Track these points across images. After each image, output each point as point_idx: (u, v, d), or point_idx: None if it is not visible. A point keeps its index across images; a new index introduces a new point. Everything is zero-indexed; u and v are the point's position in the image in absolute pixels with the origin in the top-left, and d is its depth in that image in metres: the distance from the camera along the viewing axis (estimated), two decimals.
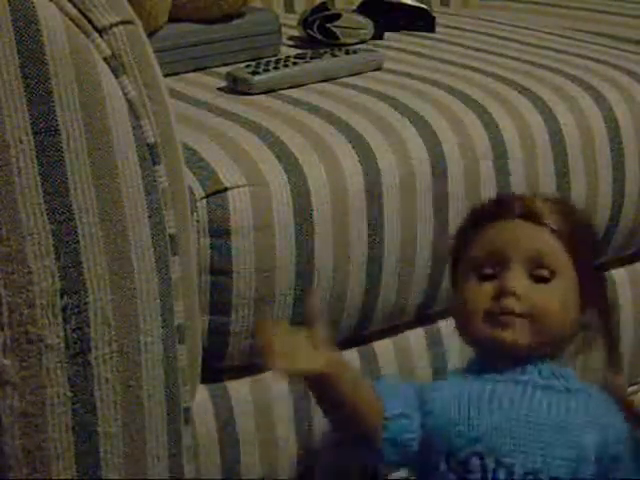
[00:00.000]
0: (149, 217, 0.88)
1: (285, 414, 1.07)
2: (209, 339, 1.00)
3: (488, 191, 1.11)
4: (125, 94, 0.86)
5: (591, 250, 0.97)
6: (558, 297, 0.91)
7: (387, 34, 1.42)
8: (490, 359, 0.93)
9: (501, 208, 0.95)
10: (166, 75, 0.95)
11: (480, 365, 0.94)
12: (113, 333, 0.87)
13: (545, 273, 0.91)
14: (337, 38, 1.36)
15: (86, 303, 0.86)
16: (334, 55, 1.24)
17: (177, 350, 0.93)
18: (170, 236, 0.90)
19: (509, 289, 0.90)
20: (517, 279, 0.91)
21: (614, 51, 1.35)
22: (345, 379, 0.89)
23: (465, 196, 1.09)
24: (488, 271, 0.92)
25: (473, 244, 0.95)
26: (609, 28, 1.50)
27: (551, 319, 0.91)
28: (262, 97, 1.15)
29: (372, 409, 0.90)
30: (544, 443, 0.88)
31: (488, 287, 0.92)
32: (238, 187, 0.98)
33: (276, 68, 1.19)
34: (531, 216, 0.93)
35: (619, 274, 1.28)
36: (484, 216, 0.96)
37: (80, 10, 0.84)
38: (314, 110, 1.11)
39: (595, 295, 0.95)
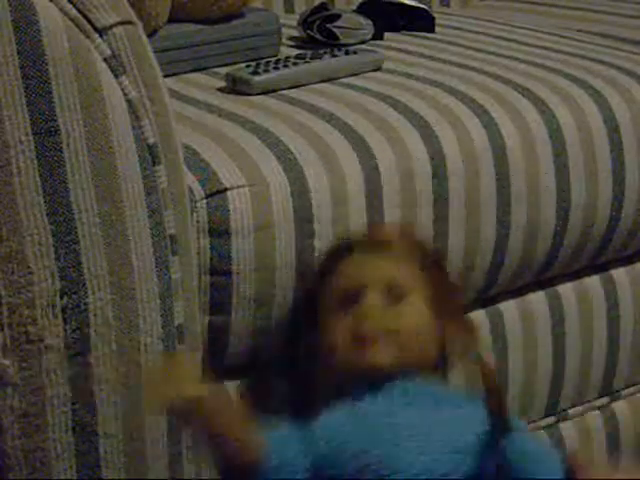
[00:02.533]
0: (149, 217, 0.88)
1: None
2: (209, 339, 1.00)
3: (488, 191, 1.11)
4: (125, 94, 0.86)
5: (439, 271, 1.02)
6: (411, 314, 0.96)
7: (387, 34, 1.42)
8: (362, 384, 0.94)
9: (350, 246, 1.00)
10: (166, 75, 0.95)
11: (356, 392, 0.95)
12: (113, 333, 0.87)
13: (396, 292, 0.96)
14: (337, 38, 1.36)
15: (86, 303, 0.86)
16: (334, 55, 1.24)
17: (177, 350, 0.93)
18: (170, 236, 0.90)
19: (363, 314, 0.95)
20: (370, 304, 0.95)
21: (614, 51, 1.35)
22: (227, 408, 0.88)
23: (465, 196, 1.09)
24: (347, 304, 0.96)
25: (330, 282, 0.98)
26: (609, 28, 1.50)
27: (407, 335, 0.94)
28: (262, 97, 1.15)
29: (252, 442, 0.89)
30: (424, 456, 0.89)
31: (349, 318, 0.95)
32: (238, 187, 0.98)
33: (276, 68, 1.19)
34: (377, 248, 0.99)
35: (619, 274, 1.28)
36: (337, 254, 1.00)
37: (80, 10, 0.84)
38: (314, 110, 1.11)
39: (452, 313, 0.99)
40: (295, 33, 1.42)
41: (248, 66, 1.20)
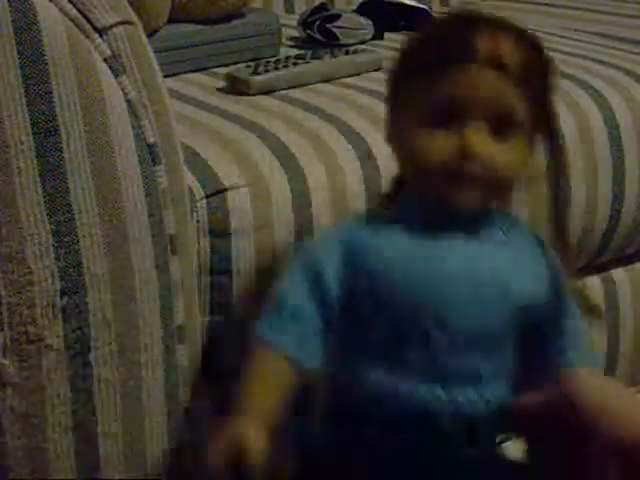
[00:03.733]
0: (149, 217, 0.88)
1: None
2: (209, 339, 1.00)
3: None
4: (125, 94, 0.86)
5: (546, 85, 0.87)
6: (517, 156, 0.83)
7: (387, 34, 1.42)
8: (433, 215, 0.84)
9: (462, 49, 0.82)
10: (166, 75, 0.95)
11: (419, 218, 0.85)
12: (113, 333, 0.87)
13: (507, 132, 0.82)
14: (337, 38, 1.36)
15: (86, 303, 0.86)
16: (334, 55, 1.24)
17: (177, 350, 0.93)
18: (170, 236, 0.90)
19: (473, 151, 0.81)
20: (479, 138, 0.81)
21: (614, 51, 1.35)
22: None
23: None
24: (443, 122, 0.82)
25: (426, 88, 0.83)
26: (609, 28, 1.50)
27: (508, 179, 0.84)
28: (262, 97, 1.15)
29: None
30: (481, 300, 0.83)
31: (444, 142, 0.82)
32: (238, 187, 0.98)
33: (276, 68, 1.19)
34: (496, 63, 0.82)
35: (619, 274, 1.28)
36: (440, 56, 0.83)
37: (80, 10, 0.84)
38: (314, 110, 1.11)
39: (546, 128, 0.86)
40: (295, 33, 1.42)
41: (248, 66, 1.20)
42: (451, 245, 0.84)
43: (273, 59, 1.23)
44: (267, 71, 1.18)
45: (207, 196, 0.97)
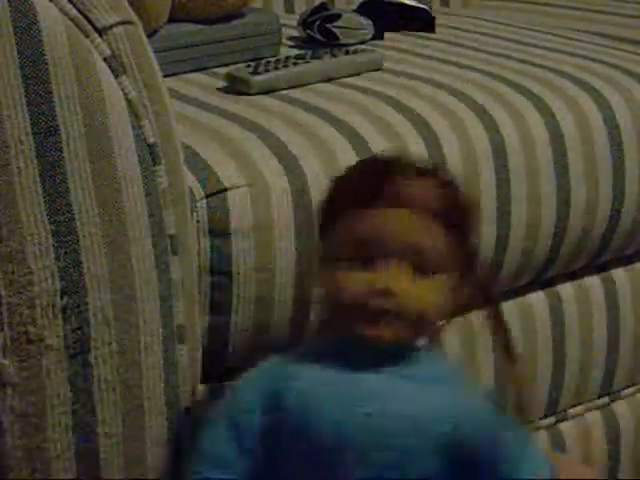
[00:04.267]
0: (149, 217, 0.88)
1: None
2: (209, 339, 1.00)
3: (488, 191, 1.11)
4: (125, 94, 0.86)
5: (470, 231, 0.88)
6: (436, 292, 0.85)
7: (387, 34, 1.42)
8: (352, 348, 0.86)
9: (371, 192, 0.85)
10: (166, 75, 0.95)
11: (338, 351, 0.87)
12: (113, 333, 0.87)
13: (425, 268, 0.84)
14: (337, 38, 1.36)
15: (86, 303, 0.86)
16: (334, 55, 1.24)
17: (177, 350, 0.93)
18: (170, 236, 0.90)
19: (385, 288, 0.83)
20: (393, 276, 0.83)
21: (614, 51, 1.35)
22: None
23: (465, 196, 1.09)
24: (359, 259, 0.84)
25: (342, 229, 0.86)
26: (609, 28, 1.50)
27: (427, 314, 0.85)
28: (262, 97, 1.15)
29: None
30: (401, 437, 0.84)
31: (359, 279, 0.84)
32: (238, 187, 0.98)
33: (276, 68, 1.19)
34: (409, 202, 0.84)
35: (619, 274, 1.28)
36: (353, 199, 0.85)
37: (80, 10, 0.84)
38: (314, 110, 1.11)
39: (476, 283, 0.89)
40: (295, 33, 1.42)
41: (248, 66, 1.20)
42: (370, 384, 0.86)
43: (273, 59, 1.23)
44: (267, 71, 1.18)
45: (207, 196, 0.97)
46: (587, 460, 1.28)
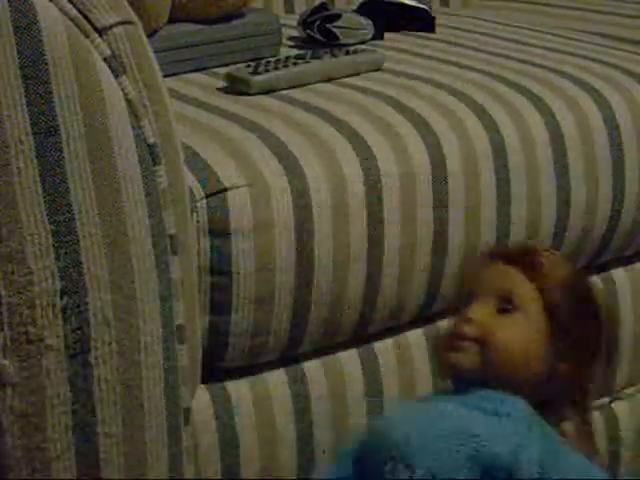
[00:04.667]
0: (149, 217, 0.88)
1: (285, 414, 1.07)
2: (209, 339, 1.00)
3: (488, 191, 1.11)
4: (125, 94, 0.86)
5: (579, 304, 0.98)
6: (514, 328, 0.96)
7: (387, 34, 1.42)
8: (453, 382, 0.99)
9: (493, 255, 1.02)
10: (166, 75, 0.95)
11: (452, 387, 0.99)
12: (113, 333, 0.87)
13: (507, 306, 0.96)
14: (337, 38, 1.36)
15: (86, 303, 0.86)
16: (334, 55, 1.24)
17: (177, 350, 0.93)
18: (170, 236, 0.90)
19: (466, 316, 0.96)
20: (477, 308, 0.97)
21: (614, 51, 1.35)
22: None
23: (465, 196, 1.09)
24: (461, 306, 0.98)
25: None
26: (608, 28, 1.50)
27: (503, 347, 0.95)
28: (262, 97, 1.15)
29: None
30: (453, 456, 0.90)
31: (455, 319, 0.99)
32: (238, 187, 0.98)
33: (276, 68, 1.19)
34: (503, 258, 1.00)
35: (619, 274, 1.28)
36: (482, 260, 1.03)
37: (80, 10, 0.84)
38: (314, 110, 1.11)
39: (583, 359, 0.98)
40: (295, 33, 1.42)
41: (248, 66, 1.20)
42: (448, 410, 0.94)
43: (273, 59, 1.23)
44: (267, 71, 1.18)
45: (207, 196, 0.97)
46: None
